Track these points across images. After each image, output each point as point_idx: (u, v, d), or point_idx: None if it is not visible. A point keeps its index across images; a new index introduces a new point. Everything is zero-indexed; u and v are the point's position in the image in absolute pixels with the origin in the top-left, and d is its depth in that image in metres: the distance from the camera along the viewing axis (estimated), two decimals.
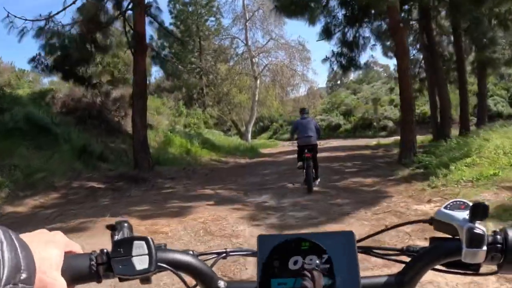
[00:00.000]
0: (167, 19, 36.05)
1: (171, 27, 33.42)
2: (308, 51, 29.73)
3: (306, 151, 7.78)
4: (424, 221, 0.73)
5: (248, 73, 29.86)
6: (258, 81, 29.08)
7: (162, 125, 18.61)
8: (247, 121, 30.08)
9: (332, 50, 13.70)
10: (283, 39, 29.48)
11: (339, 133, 32.28)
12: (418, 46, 20.35)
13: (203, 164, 15.30)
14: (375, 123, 29.89)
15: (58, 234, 0.58)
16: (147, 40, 13.87)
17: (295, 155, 8.72)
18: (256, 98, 29.00)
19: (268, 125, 46.17)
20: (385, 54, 20.14)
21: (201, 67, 31.95)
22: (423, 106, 29.23)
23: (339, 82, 63.34)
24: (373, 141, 25.19)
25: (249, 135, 29.10)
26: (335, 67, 14.04)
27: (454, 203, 0.68)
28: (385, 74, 56.13)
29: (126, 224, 0.64)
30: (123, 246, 0.60)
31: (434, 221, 0.69)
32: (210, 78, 32.07)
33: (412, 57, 22.07)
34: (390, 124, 29.18)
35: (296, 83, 31.14)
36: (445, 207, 0.68)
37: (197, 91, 32.64)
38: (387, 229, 0.82)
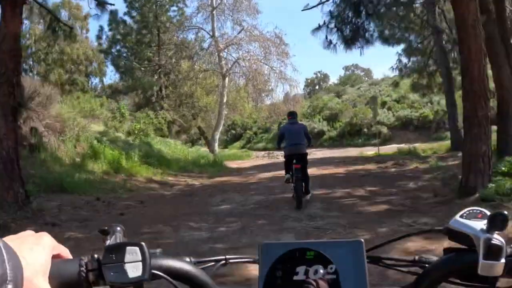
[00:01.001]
0: (121, 7, 30.80)
1: (126, 18, 28.22)
2: (286, 45, 24.89)
3: (294, 161, 6.73)
4: (438, 231, 0.68)
5: (215, 71, 24.88)
6: (227, 80, 24.10)
7: (89, 131, 13.35)
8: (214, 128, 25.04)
9: (330, 12, 8.81)
10: (257, 30, 24.59)
11: (323, 141, 27.46)
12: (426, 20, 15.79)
13: (134, 189, 10.19)
14: (365, 129, 25.26)
15: (45, 236, 0.54)
16: (96, 31, 8.76)
17: (272, 173, 7.93)
18: (225, 100, 23.99)
19: (241, 133, 41.23)
20: (385, 41, 15.53)
21: (159, 64, 26.82)
22: (422, 108, 24.81)
23: (317, 87, 58.99)
24: (368, 151, 20.50)
25: (216, 145, 24.02)
26: (334, 39, 9.19)
27: (471, 211, 0.65)
28: (366, 79, 52.22)
29: (118, 229, 0.62)
30: (115, 252, 0.56)
31: (448, 231, 0.65)
32: (171, 78, 26.89)
33: (415, 46, 17.64)
34: (384, 130, 24.58)
35: (271, 88, 26.23)
36: (461, 216, 0.64)
37: (155, 93, 27.44)
38: (398, 238, 0.74)
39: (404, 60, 18.32)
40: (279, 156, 26.01)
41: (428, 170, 10.23)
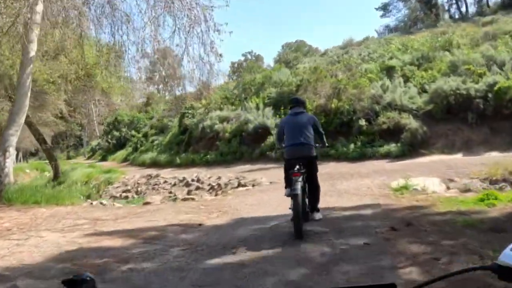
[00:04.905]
0: None
1: None
2: None
3: (296, 168, 4.74)
4: (486, 268, 0.58)
5: None
6: (41, 8, 9.56)
7: None
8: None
9: None
10: None
11: (265, 148, 13.78)
12: None
13: None
14: (364, 123, 11.92)
15: None
16: None
17: None
18: (32, 53, 9.50)
19: (126, 138, 26.45)
20: None
21: None
22: (486, 74, 11.79)
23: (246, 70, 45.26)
24: (392, 171, 7.42)
25: (8, 161, 9.32)
26: None
27: None
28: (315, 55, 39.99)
29: (88, 279, 0.50)
30: None
31: (498, 268, 0.54)
32: None
33: None
34: (410, 121, 11.40)
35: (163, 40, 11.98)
36: None
37: None
38: (440, 278, 0.63)
39: None
40: (166, 185, 12.26)
41: None
